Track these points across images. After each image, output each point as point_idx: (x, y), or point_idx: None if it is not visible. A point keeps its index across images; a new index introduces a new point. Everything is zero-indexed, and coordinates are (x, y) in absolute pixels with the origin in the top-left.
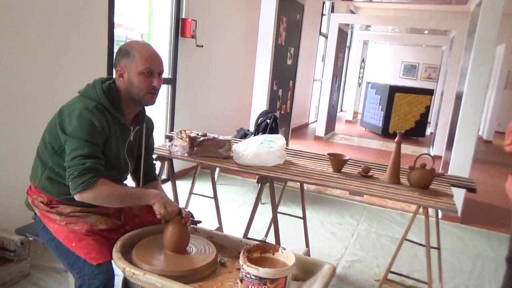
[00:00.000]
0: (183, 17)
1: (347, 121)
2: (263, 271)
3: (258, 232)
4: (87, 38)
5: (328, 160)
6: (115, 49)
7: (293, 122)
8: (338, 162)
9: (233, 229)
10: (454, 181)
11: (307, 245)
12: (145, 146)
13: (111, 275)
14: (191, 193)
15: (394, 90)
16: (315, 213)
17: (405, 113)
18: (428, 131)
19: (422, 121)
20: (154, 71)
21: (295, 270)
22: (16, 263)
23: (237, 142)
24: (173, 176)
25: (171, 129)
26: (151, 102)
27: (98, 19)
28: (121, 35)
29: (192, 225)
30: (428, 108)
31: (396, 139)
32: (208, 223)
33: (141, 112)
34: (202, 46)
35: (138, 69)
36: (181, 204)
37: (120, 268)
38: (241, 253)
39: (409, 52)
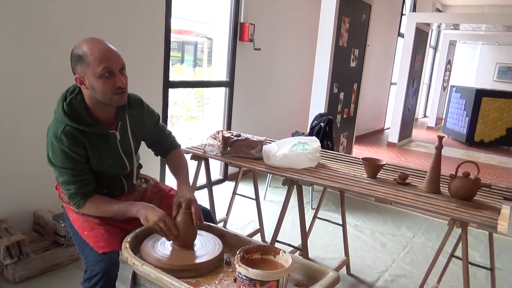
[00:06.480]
0: (242, 21)
1: (429, 128)
2: (252, 272)
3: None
4: (144, 43)
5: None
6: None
7: (364, 127)
8: (371, 167)
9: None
10: (508, 193)
11: (346, 254)
12: (146, 129)
13: (114, 264)
14: (234, 193)
15: (481, 94)
16: (367, 221)
17: (494, 120)
18: None
19: None
20: (114, 69)
21: (300, 276)
22: (66, 247)
23: (270, 143)
24: (208, 175)
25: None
26: (121, 101)
27: (155, 25)
28: (191, 41)
29: (205, 223)
30: None
31: (436, 144)
32: (251, 224)
33: (120, 106)
34: (260, 49)
35: (96, 73)
36: (225, 205)
37: (124, 258)
38: (237, 252)
39: (505, 52)
